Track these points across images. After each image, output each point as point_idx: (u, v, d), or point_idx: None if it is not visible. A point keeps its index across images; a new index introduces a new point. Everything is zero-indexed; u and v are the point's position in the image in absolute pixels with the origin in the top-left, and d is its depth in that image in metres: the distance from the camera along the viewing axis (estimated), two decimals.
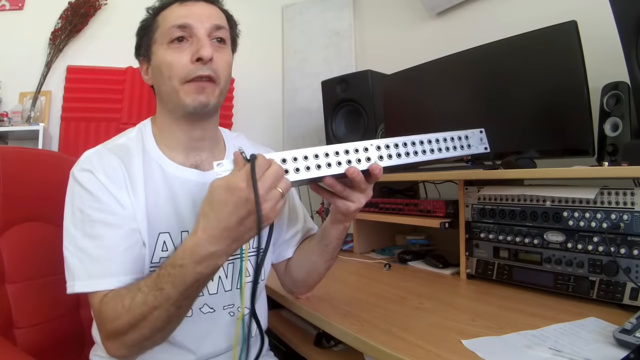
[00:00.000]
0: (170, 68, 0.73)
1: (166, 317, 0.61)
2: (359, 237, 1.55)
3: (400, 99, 1.52)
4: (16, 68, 1.96)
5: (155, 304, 0.59)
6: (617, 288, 0.80)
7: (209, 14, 0.76)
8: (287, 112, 2.37)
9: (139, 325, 0.60)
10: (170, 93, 0.74)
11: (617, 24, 0.88)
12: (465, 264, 1.10)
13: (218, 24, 0.76)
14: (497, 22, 1.52)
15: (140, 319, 0.60)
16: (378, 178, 0.67)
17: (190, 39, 0.74)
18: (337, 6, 2.26)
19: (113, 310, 0.62)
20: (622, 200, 0.81)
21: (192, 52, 0.73)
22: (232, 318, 0.80)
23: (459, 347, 0.65)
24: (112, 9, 2.14)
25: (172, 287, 0.58)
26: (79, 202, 0.68)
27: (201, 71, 0.72)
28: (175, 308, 0.60)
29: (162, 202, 0.74)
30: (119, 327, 0.61)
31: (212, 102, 0.75)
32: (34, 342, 0.84)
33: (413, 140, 0.72)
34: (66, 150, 1.97)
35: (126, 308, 0.60)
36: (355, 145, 0.65)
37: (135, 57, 0.83)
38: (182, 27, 0.73)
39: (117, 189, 0.69)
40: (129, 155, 0.74)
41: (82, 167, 0.70)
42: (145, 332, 0.61)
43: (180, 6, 0.76)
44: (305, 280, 0.91)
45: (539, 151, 1.08)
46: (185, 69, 0.72)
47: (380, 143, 0.68)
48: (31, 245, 0.89)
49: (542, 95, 1.08)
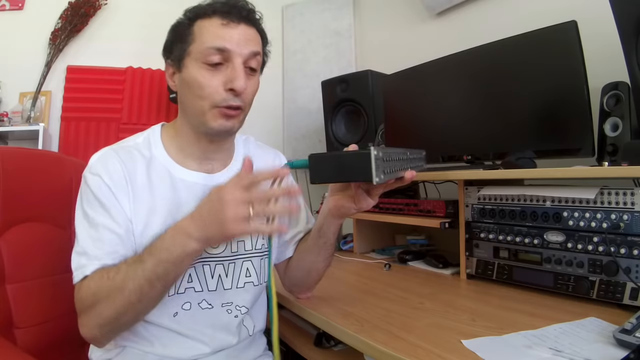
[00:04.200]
0: (201, 89, 0.73)
1: (139, 291, 0.64)
2: (359, 237, 1.55)
3: (400, 99, 1.52)
4: (16, 68, 1.96)
5: (132, 275, 0.64)
6: (617, 288, 0.80)
7: (248, 38, 0.75)
8: (287, 112, 2.37)
9: (115, 296, 0.64)
10: (197, 112, 0.75)
11: (617, 24, 0.88)
12: (465, 264, 1.10)
13: (255, 51, 0.76)
14: (497, 22, 1.52)
15: (118, 289, 0.64)
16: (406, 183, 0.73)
17: (226, 64, 0.73)
18: (337, 6, 2.26)
19: (96, 283, 0.66)
20: (622, 200, 0.81)
21: (226, 79, 0.72)
22: (229, 315, 0.80)
23: (459, 347, 0.65)
24: (112, 9, 2.14)
25: (148, 256, 0.65)
26: (87, 206, 0.72)
27: (232, 101, 0.74)
28: (148, 283, 0.64)
29: (165, 205, 0.75)
30: (99, 298, 0.65)
31: (237, 127, 0.78)
32: (34, 342, 0.84)
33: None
34: (66, 151, 1.97)
35: (110, 278, 0.66)
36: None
37: (162, 55, 0.81)
38: (221, 51, 0.72)
39: (121, 193, 0.72)
40: (132, 160, 0.76)
41: (91, 171, 0.74)
42: (119, 306, 0.65)
43: (222, 26, 0.73)
44: (305, 279, 0.91)
45: (539, 151, 1.08)
46: (217, 95, 0.73)
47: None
48: (31, 245, 0.89)
49: (542, 95, 1.08)
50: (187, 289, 0.76)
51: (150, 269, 0.64)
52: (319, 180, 0.62)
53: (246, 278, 0.82)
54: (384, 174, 0.59)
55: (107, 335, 0.70)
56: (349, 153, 0.60)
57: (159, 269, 0.64)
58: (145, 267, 0.64)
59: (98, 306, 0.66)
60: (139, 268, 0.65)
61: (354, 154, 0.59)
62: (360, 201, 0.72)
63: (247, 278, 0.82)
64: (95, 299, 0.66)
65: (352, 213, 0.76)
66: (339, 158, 0.60)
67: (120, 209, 0.71)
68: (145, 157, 0.77)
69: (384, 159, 0.59)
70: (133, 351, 0.75)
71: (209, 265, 0.78)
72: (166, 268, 0.65)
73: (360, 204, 0.73)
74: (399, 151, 0.66)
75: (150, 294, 0.65)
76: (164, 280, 0.66)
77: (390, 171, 0.62)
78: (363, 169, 0.57)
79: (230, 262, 0.80)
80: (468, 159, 1.24)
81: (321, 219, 0.82)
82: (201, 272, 0.77)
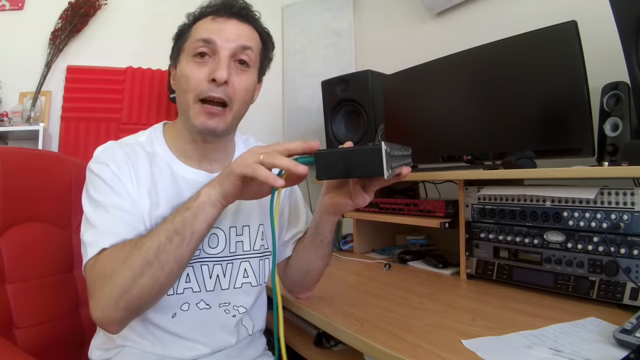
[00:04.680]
0: (187, 81, 0.74)
1: (156, 246, 0.62)
2: (359, 237, 1.55)
3: (400, 99, 1.52)
4: (16, 68, 1.96)
5: (150, 234, 0.64)
6: (617, 288, 0.80)
7: (237, 33, 0.76)
8: (287, 112, 2.37)
9: (133, 256, 0.62)
10: (184, 107, 0.76)
11: (617, 24, 0.88)
12: (465, 264, 1.10)
13: (245, 45, 0.76)
14: (497, 22, 1.52)
15: (136, 246, 0.63)
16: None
17: (212, 56, 0.74)
18: (337, 6, 2.26)
19: (115, 251, 0.64)
20: (622, 200, 0.81)
21: (210, 70, 0.73)
22: (227, 315, 0.80)
23: (459, 347, 0.65)
24: (112, 9, 2.14)
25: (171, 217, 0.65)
26: (94, 192, 0.71)
27: (213, 92, 0.73)
28: (166, 238, 0.63)
29: (167, 200, 0.75)
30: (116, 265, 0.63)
31: (221, 127, 0.76)
32: (34, 342, 0.84)
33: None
34: (66, 151, 1.97)
35: (131, 243, 0.64)
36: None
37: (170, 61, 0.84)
38: (206, 42, 0.73)
39: (127, 181, 0.72)
40: (135, 155, 0.76)
41: (96, 161, 0.74)
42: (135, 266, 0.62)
43: (212, 20, 0.75)
44: (304, 279, 0.91)
45: (538, 151, 1.08)
46: (200, 86, 0.73)
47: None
48: (31, 245, 0.89)
49: (542, 95, 1.08)
50: (186, 289, 0.76)
51: (169, 223, 0.64)
52: (325, 177, 0.61)
53: (244, 279, 0.82)
54: (391, 169, 0.59)
55: (122, 313, 0.64)
56: (357, 149, 0.60)
57: (176, 220, 0.63)
58: (163, 224, 0.64)
59: (113, 276, 0.62)
60: (157, 228, 0.65)
61: (363, 149, 0.58)
62: (357, 197, 0.71)
63: (245, 279, 0.82)
64: (111, 268, 0.63)
65: (349, 210, 0.75)
66: (347, 154, 0.59)
67: (129, 194, 0.71)
68: (148, 153, 0.78)
69: (390, 154, 0.59)
70: (133, 351, 0.75)
71: (207, 265, 0.78)
72: (184, 220, 0.63)
73: (357, 200, 0.72)
74: (397, 147, 0.66)
75: (168, 250, 0.62)
76: (182, 236, 0.63)
77: (395, 166, 0.62)
78: (374, 164, 0.57)
79: (228, 263, 0.80)
80: (468, 159, 1.24)
81: (317, 217, 0.82)
82: (199, 272, 0.77)
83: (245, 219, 0.83)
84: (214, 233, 0.79)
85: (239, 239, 0.82)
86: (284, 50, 2.37)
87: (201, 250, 0.78)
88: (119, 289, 0.62)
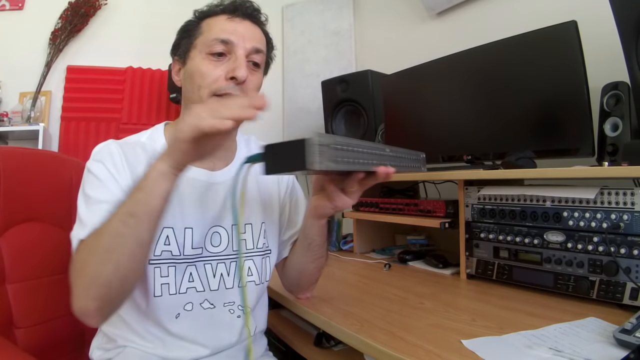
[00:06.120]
0: (202, 78, 0.75)
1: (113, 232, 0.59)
2: (359, 237, 1.55)
3: (400, 99, 1.52)
4: (16, 68, 1.97)
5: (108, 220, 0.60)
6: (617, 288, 0.80)
7: (252, 35, 0.78)
8: (287, 112, 2.37)
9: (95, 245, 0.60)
10: (196, 102, 0.75)
11: (617, 24, 0.88)
12: (465, 264, 1.10)
13: (258, 47, 0.78)
14: (497, 22, 1.52)
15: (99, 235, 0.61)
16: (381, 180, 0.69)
17: (229, 55, 0.76)
18: (337, 6, 2.26)
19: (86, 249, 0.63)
20: (622, 200, 0.81)
21: (228, 69, 0.75)
22: (232, 315, 0.80)
23: (459, 347, 0.65)
24: (112, 9, 2.14)
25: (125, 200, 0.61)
26: (88, 189, 0.71)
27: (232, 90, 0.74)
28: (120, 223, 0.59)
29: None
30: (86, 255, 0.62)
31: None
32: (34, 342, 0.84)
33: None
34: (66, 151, 1.97)
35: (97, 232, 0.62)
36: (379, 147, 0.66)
37: (170, 54, 0.85)
38: (225, 43, 0.75)
39: (123, 181, 0.72)
40: (135, 154, 0.76)
41: (93, 158, 0.74)
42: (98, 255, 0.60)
43: (228, 20, 0.77)
44: (298, 280, 0.92)
45: (538, 151, 1.08)
46: (217, 83, 0.74)
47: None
48: (31, 245, 0.89)
49: (542, 95, 1.08)
50: (189, 288, 0.76)
51: (122, 206, 0.60)
52: (272, 171, 0.59)
53: (248, 277, 0.82)
54: (335, 163, 0.56)
55: (95, 303, 0.61)
56: (289, 141, 0.57)
57: (129, 202, 0.60)
58: (117, 209, 0.61)
59: (82, 267, 0.61)
60: (113, 213, 0.61)
61: (292, 141, 0.56)
62: (335, 199, 0.70)
63: (249, 277, 0.82)
64: (82, 259, 0.62)
65: (330, 213, 0.75)
66: (282, 146, 0.57)
67: (122, 191, 0.70)
68: (147, 153, 0.77)
69: (334, 147, 0.56)
70: (134, 351, 0.75)
71: (210, 264, 0.78)
72: (136, 201, 0.60)
73: (335, 202, 0.71)
74: (373, 145, 0.64)
75: (124, 234, 0.59)
76: (137, 217, 0.59)
77: (345, 161, 0.58)
78: (300, 156, 0.54)
79: (232, 261, 0.80)
80: (468, 159, 1.24)
81: (304, 220, 0.82)
82: (202, 272, 0.77)
83: (247, 217, 0.83)
84: (216, 231, 0.79)
85: (241, 237, 0.82)
86: (284, 50, 2.37)
87: (203, 249, 0.77)
88: (87, 278, 0.60)
